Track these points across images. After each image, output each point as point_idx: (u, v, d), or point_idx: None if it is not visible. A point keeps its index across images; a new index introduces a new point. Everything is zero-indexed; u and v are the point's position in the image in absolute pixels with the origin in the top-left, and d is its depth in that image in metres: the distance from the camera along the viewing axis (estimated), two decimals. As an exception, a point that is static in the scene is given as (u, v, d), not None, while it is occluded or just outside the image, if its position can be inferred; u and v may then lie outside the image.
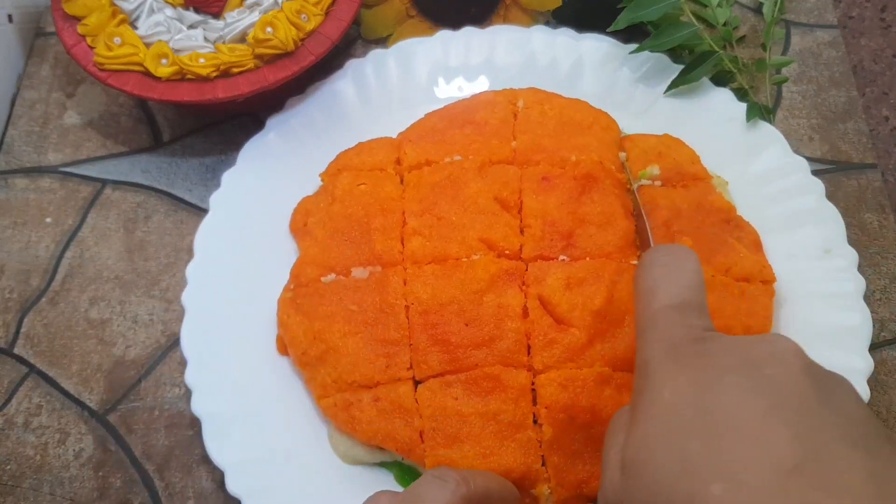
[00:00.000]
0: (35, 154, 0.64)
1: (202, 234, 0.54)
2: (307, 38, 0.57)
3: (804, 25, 0.69)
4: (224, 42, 0.57)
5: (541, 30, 0.63)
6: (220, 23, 0.58)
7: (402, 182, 0.55)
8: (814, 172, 0.56)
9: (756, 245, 0.53)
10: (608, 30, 0.60)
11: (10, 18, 0.67)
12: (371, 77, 0.61)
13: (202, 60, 0.55)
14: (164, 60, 0.55)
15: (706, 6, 0.64)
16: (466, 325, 0.47)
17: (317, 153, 0.58)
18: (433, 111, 0.59)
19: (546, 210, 0.51)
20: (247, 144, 0.58)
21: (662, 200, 0.53)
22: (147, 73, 0.55)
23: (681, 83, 0.59)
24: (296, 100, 0.60)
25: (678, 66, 0.60)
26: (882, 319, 0.56)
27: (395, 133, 0.58)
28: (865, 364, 0.49)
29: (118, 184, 0.62)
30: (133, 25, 0.57)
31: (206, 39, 0.57)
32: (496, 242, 0.50)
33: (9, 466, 0.52)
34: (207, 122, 0.64)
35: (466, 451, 0.45)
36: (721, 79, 0.62)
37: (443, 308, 0.48)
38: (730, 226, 0.53)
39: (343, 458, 0.49)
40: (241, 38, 0.57)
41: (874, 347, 0.55)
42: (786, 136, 0.58)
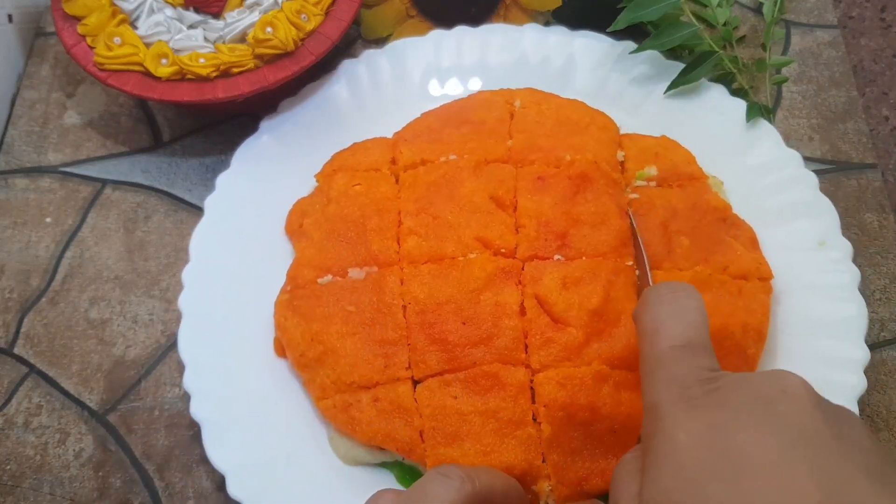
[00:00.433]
0: (35, 154, 0.64)
1: (197, 238, 0.54)
2: (307, 38, 0.57)
3: (804, 25, 0.69)
4: (224, 42, 0.57)
5: (533, 28, 0.63)
6: (220, 23, 0.58)
7: (398, 182, 0.55)
8: (814, 172, 0.56)
9: (752, 243, 0.53)
10: (608, 30, 0.60)
11: (10, 18, 0.67)
12: (364, 77, 0.61)
13: (202, 60, 0.55)
14: (164, 60, 0.55)
15: (706, 6, 0.64)
16: (464, 324, 0.47)
17: (311, 154, 0.58)
18: (429, 111, 0.59)
19: (540, 210, 0.51)
20: (240, 147, 0.58)
21: (659, 201, 0.53)
22: (147, 73, 0.55)
23: (681, 83, 0.59)
24: (289, 101, 0.60)
25: (671, 63, 0.61)
26: (882, 319, 0.56)
27: (390, 133, 0.58)
28: (862, 354, 0.49)
29: (118, 184, 0.62)
30: (133, 25, 0.57)
31: (206, 39, 0.57)
32: (492, 241, 0.50)
33: (9, 466, 0.52)
34: (207, 122, 0.64)
35: (467, 450, 0.45)
36: (721, 79, 0.62)
37: (440, 307, 0.48)
38: (726, 224, 0.53)
39: (344, 460, 0.49)
40: (241, 38, 0.57)
41: (874, 347, 0.55)
42: (786, 136, 0.58)
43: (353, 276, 0.51)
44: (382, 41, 0.67)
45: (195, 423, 0.49)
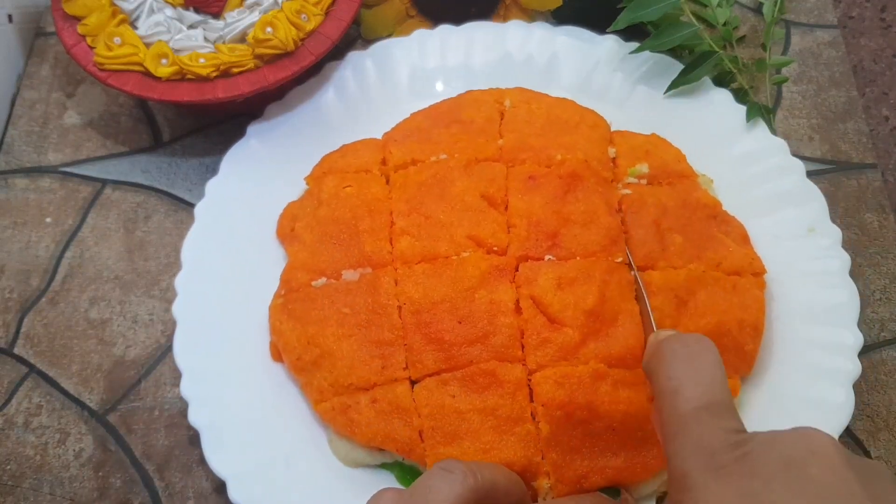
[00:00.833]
0: (35, 154, 0.64)
1: (189, 245, 0.54)
2: (307, 38, 0.57)
3: (804, 25, 0.69)
4: (224, 42, 0.57)
5: (517, 24, 0.63)
6: (220, 23, 0.58)
7: (389, 182, 0.55)
8: (814, 172, 0.56)
9: (744, 238, 0.53)
10: (608, 30, 0.60)
11: (10, 18, 0.67)
12: (350, 79, 0.61)
13: (202, 60, 0.55)
14: (164, 60, 0.55)
15: (706, 6, 0.64)
16: (459, 323, 0.47)
17: (300, 157, 0.58)
18: (418, 111, 0.59)
19: (531, 210, 0.51)
20: (229, 152, 0.58)
21: (650, 199, 0.53)
22: (147, 73, 0.55)
23: (681, 83, 0.59)
24: (276, 105, 0.60)
25: (659, 56, 0.61)
26: (882, 319, 0.56)
27: (379, 134, 0.58)
28: (854, 339, 0.49)
29: (118, 184, 0.62)
30: (133, 25, 0.57)
31: (206, 39, 0.57)
32: (484, 239, 0.50)
33: (9, 466, 0.52)
34: (207, 122, 0.64)
35: (466, 448, 0.45)
36: (721, 79, 0.62)
37: (435, 306, 0.48)
38: (716, 221, 0.53)
39: (344, 462, 0.49)
40: (241, 38, 0.57)
41: (874, 347, 0.55)
42: (786, 137, 0.58)
43: (347, 278, 0.51)
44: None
45: (195, 424, 0.49)
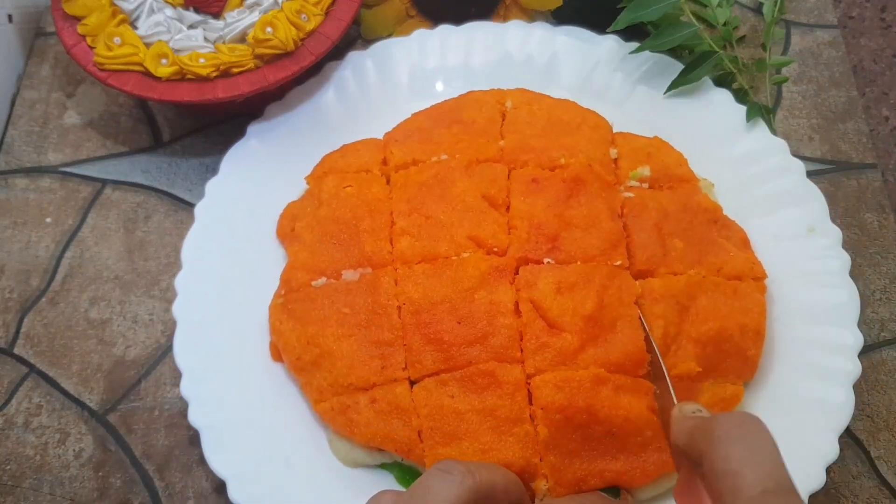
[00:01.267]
0: (35, 154, 0.64)
1: (189, 245, 0.54)
2: (307, 38, 0.57)
3: (804, 25, 0.69)
4: (224, 42, 0.57)
5: (517, 24, 0.63)
6: (220, 23, 0.58)
7: (389, 182, 0.55)
8: (814, 172, 0.56)
9: (744, 243, 0.53)
10: (608, 30, 0.60)
11: (10, 18, 0.67)
12: (350, 79, 0.61)
13: (202, 60, 0.55)
14: (164, 60, 0.55)
15: (706, 6, 0.64)
16: (459, 323, 0.47)
17: (301, 157, 0.58)
18: (419, 111, 0.59)
19: (533, 212, 0.51)
20: (229, 152, 0.58)
21: (651, 203, 0.53)
22: (147, 73, 0.55)
23: (681, 83, 0.59)
24: (276, 105, 0.60)
25: (658, 56, 0.61)
26: (882, 319, 0.56)
27: (379, 134, 0.58)
28: (855, 339, 0.49)
29: (118, 184, 0.62)
30: (133, 25, 0.57)
31: (206, 39, 0.57)
32: (484, 240, 0.50)
33: (9, 466, 0.52)
34: (207, 122, 0.64)
35: (465, 449, 0.45)
36: (721, 79, 0.62)
37: (435, 307, 0.48)
38: (717, 226, 0.53)
39: (344, 462, 0.49)
40: (241, 38, 0.57)
41: (874, 347, 0.55)
42: (786, 137, 0.58)
43: (347, 278, 0.51)
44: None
45: (195, 425, 0.49)
